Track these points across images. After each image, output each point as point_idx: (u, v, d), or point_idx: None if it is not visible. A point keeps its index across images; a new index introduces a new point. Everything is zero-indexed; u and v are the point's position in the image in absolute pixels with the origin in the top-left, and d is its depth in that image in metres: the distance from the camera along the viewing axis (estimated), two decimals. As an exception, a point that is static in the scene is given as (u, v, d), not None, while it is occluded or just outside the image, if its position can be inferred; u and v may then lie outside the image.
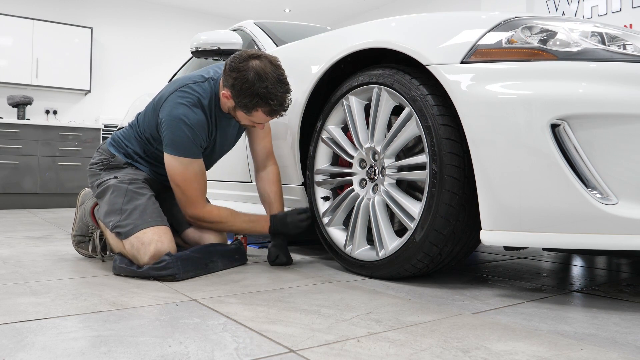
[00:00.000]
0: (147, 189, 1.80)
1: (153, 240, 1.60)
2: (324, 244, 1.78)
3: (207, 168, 1.91)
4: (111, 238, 1.71)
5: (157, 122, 1.75)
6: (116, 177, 1.80)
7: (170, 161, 1.71)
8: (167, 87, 1.78)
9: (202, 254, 1.68)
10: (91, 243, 1.91)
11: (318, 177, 1.82)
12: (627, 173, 1.17)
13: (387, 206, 1.56)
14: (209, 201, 1.89)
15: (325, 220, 1.77)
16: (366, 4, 7.00)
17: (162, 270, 1.54)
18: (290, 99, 1.67)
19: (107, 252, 1.89)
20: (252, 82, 1.58)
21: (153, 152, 1.86)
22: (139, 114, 1.90)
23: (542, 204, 1.22)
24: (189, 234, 1.88)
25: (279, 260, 1.80)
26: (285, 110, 1.68)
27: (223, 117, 1.80)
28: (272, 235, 1.87)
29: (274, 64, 1.63)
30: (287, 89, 1.64)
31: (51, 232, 2.91)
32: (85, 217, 1.96)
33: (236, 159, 2.28)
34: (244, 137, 2.06)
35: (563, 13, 4.81)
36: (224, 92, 1.69)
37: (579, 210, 1.18)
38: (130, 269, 1.60)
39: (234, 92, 1.64)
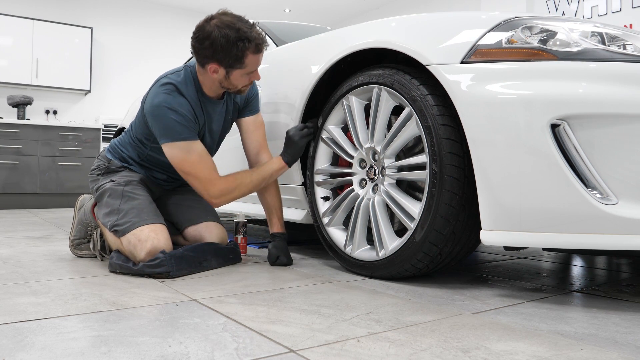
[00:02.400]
0: (143, 189, 1.83)
1: (150, 237, 1.63)
2: (324, 244, 1.78)
3: None
4: (109, 236, 1.75)
5: (144, 120, 1.76)
6: (112, 181, 1.84)
7: (170, 151, 1.70)
8: (150, 86, 1.80)
9: (197, 252, 1.70)
10: (91, 242, 1.92)
11: (318, 177, 1.82)
12: (627, 173, 1.17)
13: (387, 206, 1.56)
14: None
15: (325, 220, 1.77)
16: (366, 4, 7.00)
17: (156, 268, 1.57)
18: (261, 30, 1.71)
19: (107, 251, 1.90)
20: (226, 36, 1.61)
21: (147, 154, 1.88)
22: (132, 121, 1.93)
23: (542, 204, 1.22)
24: (189, 233, 1.89)
25: (280, 261, 1.80)
26: (267, 43, 1.70)
27: (208, 103, 1.79)
28: (271, 236, 1.88)
29: (228, 14, 1.67)
30: (252, 23, 1.68)
31: (51, 232, 2.91)
32: (86, 216, 1.98)
33: (234, 159, 2.28)
34: (239, 137, 2.06)
35: (563, 13, 4.81)
36: (210, 67, 1.67)
37: (579, 210, 1.18)
38: (126, 265, 1.62)
39: (218, 56, 1.64)
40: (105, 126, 5.74)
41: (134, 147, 1.90)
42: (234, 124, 1.97)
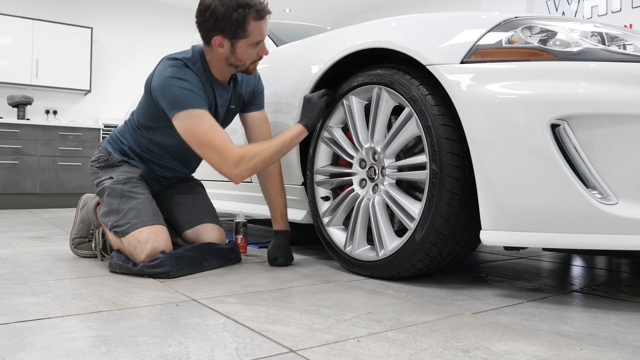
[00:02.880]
0: (143, 187, 1.82)
1: (150, 238, 1.63)
2: (324, 244, 1.78)
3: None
4: (110, 235, 1.75)
5: (152, 99, 1.71)
6: (111, 178, 1.83)
7: (181, 123, 1.61)
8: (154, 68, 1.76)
9: (197, 252, 1.70)
10: (93, 241, 1.92)
11: (318, 177, 1.82)
12: (627, 173, 1.17)
13: (387, 206, 1.56)
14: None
15: (326, 220, 1.77)
16: (366, 4, 7.00)
17: (156, 268, 1.57)
18: None
19: (108, 251, 1.90)
20: (224, 3, 1.59)
21: (147, 144, 1.85)
22: (133, 111, 1.91)
23: (542, 204, 1.22)
24: (187, 236, 1.89)
25: (277, 262, 1.80)
26: (269, 11, 1.67)
27: (215, 84, 1.76)
28: (274, 233, 1.87)
29: None
30: None
31: (51, 232, 2.91)
32: (89, 214, 1.98)
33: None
34: (242, 135, 2.06)
35: (563, 13, 4.81)
36: (215, 40, 1.64)
37: (579, 210, 1.18)
38: (126, 266, 1.63)
39: (220, 26, 1.61)
40: (105, 126, 5.73)
41: (134, 136, 1.86)
42: (238, 120, 1.95)
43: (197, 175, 2.16)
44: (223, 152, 1.59)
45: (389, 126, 1.59)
